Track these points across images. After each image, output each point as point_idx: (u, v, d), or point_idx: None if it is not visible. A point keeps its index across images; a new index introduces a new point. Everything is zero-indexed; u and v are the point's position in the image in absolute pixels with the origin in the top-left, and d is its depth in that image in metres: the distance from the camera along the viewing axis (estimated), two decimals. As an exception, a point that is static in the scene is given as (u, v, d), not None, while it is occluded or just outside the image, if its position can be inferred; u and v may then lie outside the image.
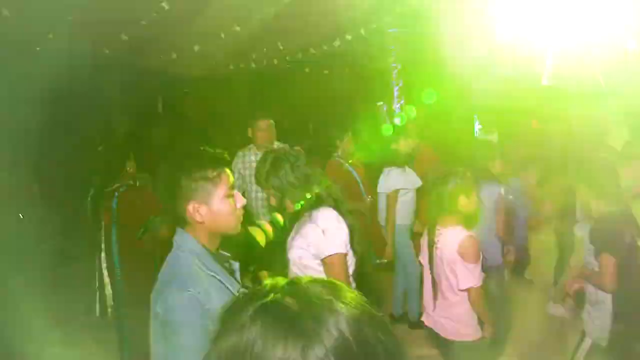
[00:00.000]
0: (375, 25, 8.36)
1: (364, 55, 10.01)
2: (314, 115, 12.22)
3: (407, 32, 8.93)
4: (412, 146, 4.24)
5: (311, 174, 2.33)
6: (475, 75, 7.65)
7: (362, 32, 8.10)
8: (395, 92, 12.17)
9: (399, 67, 11.97)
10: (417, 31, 8.48)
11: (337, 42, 8.19)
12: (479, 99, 11.07)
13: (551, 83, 5.49)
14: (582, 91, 5.61)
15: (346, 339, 0.66)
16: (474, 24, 5.90)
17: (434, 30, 8.07)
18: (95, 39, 7.54)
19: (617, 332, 2.58)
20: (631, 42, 4.95)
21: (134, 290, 3.46)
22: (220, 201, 1.66)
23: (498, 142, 6.75)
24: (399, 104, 12.16)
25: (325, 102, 11.15)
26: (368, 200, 4.47)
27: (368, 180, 4.63)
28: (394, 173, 4.19)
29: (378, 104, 9.37)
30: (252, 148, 4.73)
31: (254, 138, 4.24)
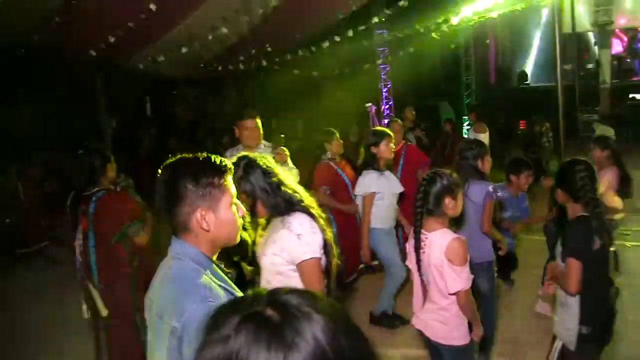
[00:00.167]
0: (364, 27, 8.37)
1: (352, 57, 10.03)
2: (302, 116, 12.21)
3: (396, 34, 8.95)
4: (392, 151, 4.22)
5: (284, 179, 2.31)
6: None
7: (350, 34, 8.10)
8: (383, 94, 12.20)
9: (387, 69, 12.02)
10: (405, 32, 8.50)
11: (326, 44, 8.19)
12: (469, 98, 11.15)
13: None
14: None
15: (322, 347, 0.71)
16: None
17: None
18: (82, 40, 7.48)
19: (583, 337, 2.58)
20: None
21: (111, 295, 3.42)
22: (226, 209, 1.58)
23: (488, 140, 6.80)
24: (387, 105, 12.18)
25: (314, 103, 11.16)
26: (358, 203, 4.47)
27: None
28: (370, 177, 4.18)
29: (366, 105, 9.37)
30: (240, 149, 4.69)
31: (240, 138, 4.19)
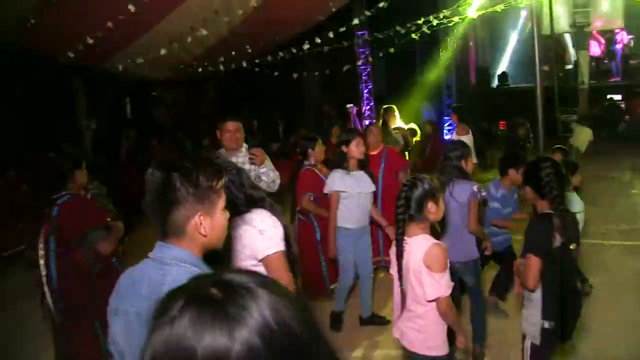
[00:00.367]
0: (345, 28, 8.40)
1: (333, 58, 10.05)
2: (283, 117, 12.21)
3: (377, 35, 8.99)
4: (362, 151, 4.24)
5: (251, 184, 2.37)
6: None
7: (331, 35, 8.12)
8: (364, 95, 12.25)
9: (368, 70, 12.07)
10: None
11: (306, 45, 8.20)
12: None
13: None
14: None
15: (267, 321, 0.72)
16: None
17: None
18: (59, 40, 7.38)
19: (546, 331, 2.62)
20: None
21: (69, 302, 3.36)
22: (220, 213, 1.57)
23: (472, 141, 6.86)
24: (368, 107, 12.24)
25: (295, 105, 11.17)
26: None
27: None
28: (335, 175, 4.21)
29: (347, 106, 9.41)
30: (223, 152, 4.68)
31: (222, 140, 4.20)
